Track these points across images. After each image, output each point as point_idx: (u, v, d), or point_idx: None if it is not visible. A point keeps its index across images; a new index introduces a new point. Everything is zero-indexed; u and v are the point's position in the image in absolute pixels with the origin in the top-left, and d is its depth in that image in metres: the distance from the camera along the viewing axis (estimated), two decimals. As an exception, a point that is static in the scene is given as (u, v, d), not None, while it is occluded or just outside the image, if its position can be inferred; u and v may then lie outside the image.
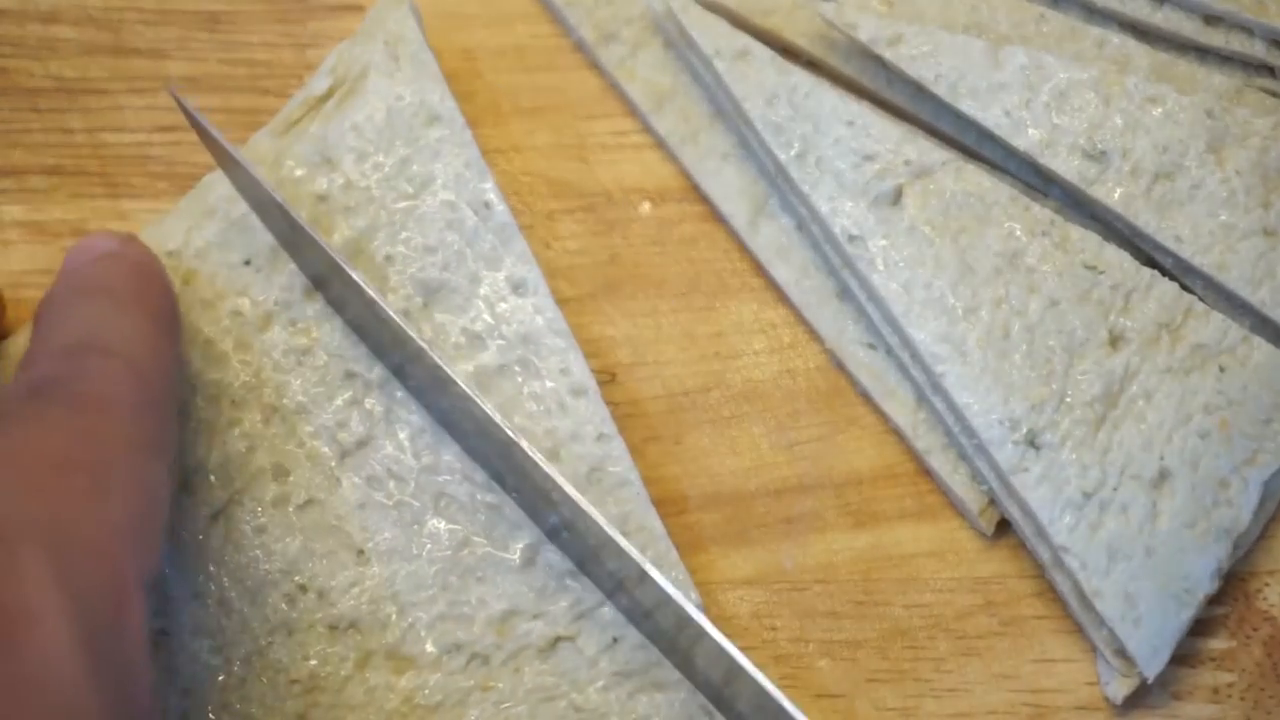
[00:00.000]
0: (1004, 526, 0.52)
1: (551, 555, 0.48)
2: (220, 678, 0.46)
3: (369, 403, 0.49)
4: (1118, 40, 0.57)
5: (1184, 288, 0.53)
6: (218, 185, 0.51)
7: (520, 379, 0.50)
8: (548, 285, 0.51)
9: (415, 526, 0.47)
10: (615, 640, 0.47)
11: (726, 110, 0.57)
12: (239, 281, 0.50)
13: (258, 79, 0.57)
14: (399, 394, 0.49)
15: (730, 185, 0.57)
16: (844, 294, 0.55)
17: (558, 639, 0.47)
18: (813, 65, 0.58)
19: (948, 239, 0.52)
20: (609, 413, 0.50)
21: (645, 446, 0.53)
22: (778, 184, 0.56)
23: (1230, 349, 0.51)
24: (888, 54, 0.55)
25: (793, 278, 0.55)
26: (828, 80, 0.57)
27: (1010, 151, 0.55)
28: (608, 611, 0.47)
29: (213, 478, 0.47)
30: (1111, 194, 0.53)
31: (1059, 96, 0.54)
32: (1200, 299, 0.53)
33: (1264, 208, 0.53)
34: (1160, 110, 0.54)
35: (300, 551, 0.47)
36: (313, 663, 0.46)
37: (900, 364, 0.53)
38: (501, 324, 0.51)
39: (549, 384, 0.50)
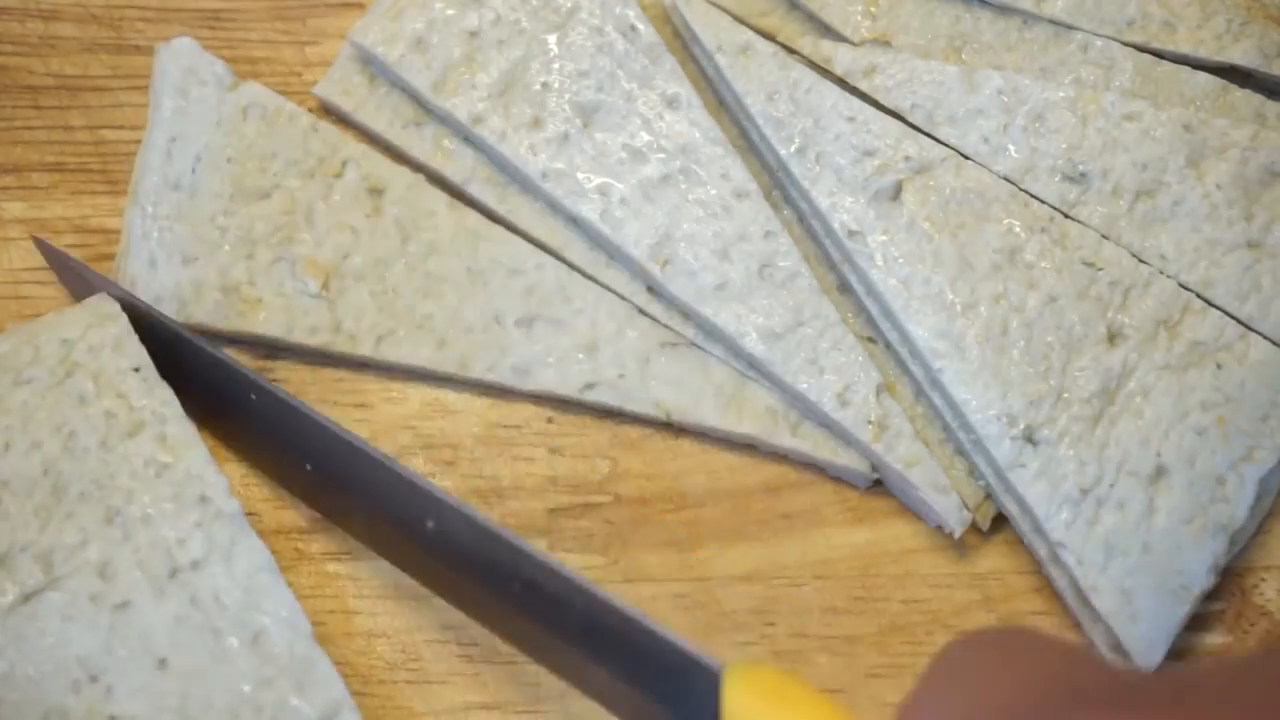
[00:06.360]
0: (1001, 522, 0.52)
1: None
2: None
3: (216, 530, 0.47)
4: (1101, 44, 0.56)
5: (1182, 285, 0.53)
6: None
7: (684, 187, 0.53)
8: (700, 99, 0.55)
9: (224, 655, 0.46)
10: None
11: (729, 103, 0.57)
12: (122, 385, 0.49)
13: (259, 76, 0.57)
14: (249, 536, 0.48)
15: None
16: (843, 288, 0.55)
17: None
18: (813, 63, 0.58)
19: (947, 235, 0.53)
20: (773, 212, 0.53)
21: (644, 442, 0.53)
22: (779, 178, 0.56)
23: (1228, 346, 0.51)
24: (863, 85, 0.55)
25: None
26: (829, 76, 0.57)
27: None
28: None
29: (34, 561, 0.46)
30: (1094, 215, 0.53)
31: (1036, 119, 0.54)
32: (1198, 295, 0.53)
33: (1247, 220, 0.53)
34: (1138, 127, 0.54)
35: (101, 648, 0.45)
36: None
37: (899, 359, 0.53)
38: (660, 138, 0.54)
39: (712, 190, 0.53)
